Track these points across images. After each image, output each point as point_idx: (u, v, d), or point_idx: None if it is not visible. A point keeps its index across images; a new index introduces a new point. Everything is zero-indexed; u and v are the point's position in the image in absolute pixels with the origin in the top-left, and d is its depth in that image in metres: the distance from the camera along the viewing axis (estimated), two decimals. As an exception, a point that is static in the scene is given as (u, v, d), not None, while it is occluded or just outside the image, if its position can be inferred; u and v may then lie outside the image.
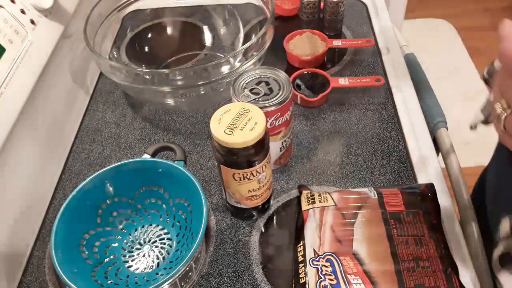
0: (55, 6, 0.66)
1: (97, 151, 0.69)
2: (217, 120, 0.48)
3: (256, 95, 0.55)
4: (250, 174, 0.51)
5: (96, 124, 0.73)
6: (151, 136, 0.71)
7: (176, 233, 0.56)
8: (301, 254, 0.52)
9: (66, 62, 0.74)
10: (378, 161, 0.64)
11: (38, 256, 0.58)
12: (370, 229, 0.52)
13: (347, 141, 0.67)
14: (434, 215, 0.53)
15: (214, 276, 0.54)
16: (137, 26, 0.84)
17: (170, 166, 0.53)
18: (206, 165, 0.66)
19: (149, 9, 0.86)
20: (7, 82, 0.55)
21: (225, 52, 0.82)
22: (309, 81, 0.73)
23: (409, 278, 0.48)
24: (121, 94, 0.78)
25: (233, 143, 0.47)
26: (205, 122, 0.72)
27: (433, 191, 0.56)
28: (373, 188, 0.57)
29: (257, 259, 0.55)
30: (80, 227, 0.52)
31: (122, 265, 0.53)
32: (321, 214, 0.54)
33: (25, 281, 0.56)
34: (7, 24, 0.58)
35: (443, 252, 0.50)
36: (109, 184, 0.54)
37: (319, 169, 0.64)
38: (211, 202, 0.61)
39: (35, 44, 0.61)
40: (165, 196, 0.56)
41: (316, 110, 0.72)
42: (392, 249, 0.50)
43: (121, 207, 0.55)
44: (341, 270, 0.49)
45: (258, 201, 0.56)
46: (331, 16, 0.82)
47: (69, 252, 0.49)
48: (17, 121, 0.56)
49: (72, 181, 0.66)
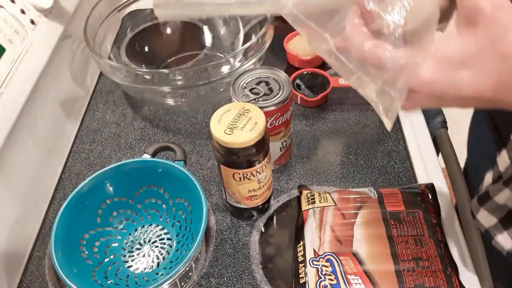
0: (55, 6, 0.66)
1: (97, 151, 0.69)
2: (217, 120, 0.48)
3: (256, 95, 0.55)
4: (250, 174, 0.51)
5: (96, 124, 0.73)
6: (151, 136, 0.71)
7: (176, 233, 0.56)
8: (301, 254, 0.52)
9: (66, 62, 0.74)
10: (378, 161, 0.64)
11: (38, 256, 0.58)
12: (370, 229, 0.52)
13: (347, 141, 0.67)
14: (434, 215, 0.53)
15: (214, 276, 0.54)
16: (137, 26, 0.84)
17: (170, 166, 0.53)
18: (206, 165, 0.66)
19: (149, 9, 0.86)
20: (7, 82, 0.55)
21: (225, 52, 0.82)
22: (309, 81, 0.73)
23: (409, 278, 0.48)
24: (121, 94, 0.78)
25: (233, 143, 0.47)
26: (205, 122, 0.72)
27: (433, 191, 0.56)
28: (373, 188, 0.57)
29: (257, 259, 0.55)
30: (80, 227, 0.52)
31: (122, 265, 0.53)
32: (321, 214, 0.54)
33: (25, 281, 0.56)
34: (7, 24, 0.58)
35: (443, 252, 0.50)
36: (109, 184, 0.54)
37: (319, 169, 0.64)
38: (211, 202, 0.61)
39: (35, 44, 0.61)
40: (165, 196, 0.56)
41: (316, 110, 0.72)
42: (392, 249, 0.50)
43: (121, 207, 0.55)
44: (341, 270, 0.49)
45: (258, 201, 0.56)
46: (331, 16, 0.82)
47: (69, 252, 0.49)
48: (17, 121, 0.56)
49: (72, 181, 0.66)
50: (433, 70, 0.32)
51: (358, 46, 0.33)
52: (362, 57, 0.33)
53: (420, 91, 0.33)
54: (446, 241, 0.52)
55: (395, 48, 0.32)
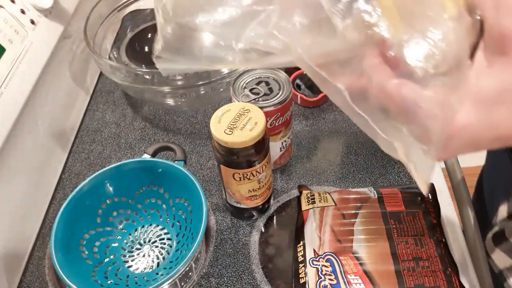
0: (55, 6, 0.66)
1: (97, 151, 0.69)
2: (217, 120, 0.48)
3: (256, 95, 0.55)
4: (250, 174, 0.51)
5: (96, 124, 0.73)
6: (151, 136, 0.71)
7: (176, 233, 0.56)
8: (301, 254, 0.52)
9: (66, 62, 0.74)
10: (378, 161, 0.64)
11: (38, 256, 0.58)
12: (370, 229, 0.52)
13: (347, 141, 0.67)
14: (434, 215, 0.53)
15: (214, 276, 0.54)
16: (137, 26, 0.84)
17: (170, 166, 0.53)
18: (206, 165, 0.66)
19: (149, 9, 0.86)
20: (7, 82, 0.55)
21: (225, 52, 0.82)
22: (309, 81, 0.73)
23: (409, 278, 0.48)
24: (121, 94, 0.78)
25: (233, 143, 0.47)
26: (205, 122, 0.72)
27: (433, 191, 0.56)
28: (373, 188, 0.57)
29: (257, 259, 0.55)
30: (80, 227, 0.52)
31: (122, 265, 0.53)
32: (321, 214, 0.54)
33: (25, 281, 0.56)
34: (7, 24, 0.58)
35: (443, 252, 0.50)
36: (109, 184, 0.54)
37: (319, 169, 0.64)
38: (211, 202, 0.61)
39: (35, 44, 0.61)
40: (165, 196, 0.56)
41: (316, 110, 0.72)
42: (392, 249, 0.50)
43: (121, 207, 0.55)
44: (341, 270, 0.49)
45: (258, 201, 0.56)
46: (331, 16, 0.82)
47: (69, 252, 0.49)
48: (17, 121, 0.56)
49: (72, 181, 0.66)
50: (469, 112, 0.28)
51: (379, 85, 0.28)
52: (384, 99, 0.28)
53: (456, 138, 0.28)
54: (446, 241, 0.52)
55: (423, 88, 0.27)
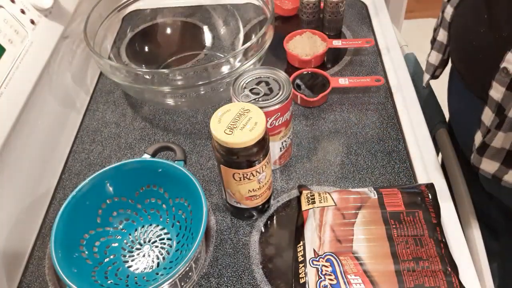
0: (55, 6, 0.66)
1: (97, 151, 0.69)
2: (217, 120, 0.48)
3: (256, 95, 0.55)
4: (250, 174, 0.51)
5: (96, 124, 0.73)
6: (151, 136, 0.71)
7: (176, 233, 0.56)
8: (301, 254, 0.52)
9: (66, 62, 0.74)
10: (378, 161, 0.64)
11: (38, 256, 0.58)
12: (370, 229, 0.52)
13: (347, 141, 0.67)
14: (434, 215, 0.53)
15: (214, 276, 0.54)
16: (137, 26, 0.84)
17: (170, 166, 0.53)
18: (206, 165, 0.66)
19: (149, 9, 0.86)
20: (7, 82, 0.55)
21: (225, 52, 0.82)
22: (309, 81, 0.73)
23: (409, 278, 0.48)
24: (121, 94, 0.78)
25: (233, 143, 0.47)
26: (205, 122, 0.72)
27: (433, 191, 0.56)
28: (373, 188, 0.57)
29: (257, 259, 0.55)
30: (80, 227, 0.52)
31: (122, 265, 0.53)
32: (321, 214, 0.54)
33: (25, 281, 0.56)
34: (7, 24, 0.58)
35: (443, 252, 0.50)
36: (109, 184, 0.54)
37: (319, 169, 0.64)
38: (211, 202, 0.61)
39: (35, 44, 0.61)
40: (165, 196, 0.56)
41: (316, 110, 0.72)
42: (392, 249, 0.50)
43: (121, 207, 0.55)
44: (341, 270, 0.49)
45: (258, 201, 0.56)
46: (331, 16, 0.82)
47: (69, 252, 0.49)
48: (17, 121, 0.56)
49: (72, 181, 0.66)
50: None
51: None
52: None
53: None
54: (446, 241, 0.52)
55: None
